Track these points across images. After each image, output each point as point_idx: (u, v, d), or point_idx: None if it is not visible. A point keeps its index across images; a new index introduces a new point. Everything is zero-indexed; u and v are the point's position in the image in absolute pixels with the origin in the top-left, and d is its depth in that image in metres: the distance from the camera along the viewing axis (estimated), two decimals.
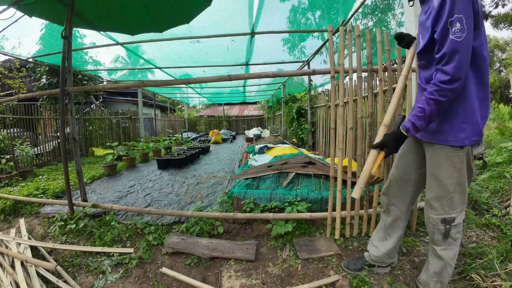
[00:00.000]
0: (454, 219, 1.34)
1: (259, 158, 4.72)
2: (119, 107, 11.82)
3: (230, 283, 1.73)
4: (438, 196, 1.34)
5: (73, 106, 2.70)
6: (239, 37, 4.12)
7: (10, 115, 5.35)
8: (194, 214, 2.38)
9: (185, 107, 18.38)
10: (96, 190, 3.88)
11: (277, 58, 5.45)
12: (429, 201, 1.39)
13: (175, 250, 2.05)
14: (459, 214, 1.34)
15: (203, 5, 2.73)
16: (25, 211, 2.96)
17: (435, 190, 1.35)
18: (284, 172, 2.94)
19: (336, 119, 3.47)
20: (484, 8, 8.05)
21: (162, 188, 3.90)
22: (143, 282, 1.77)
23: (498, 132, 6.24)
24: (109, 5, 2.72)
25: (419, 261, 1.83)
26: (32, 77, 8.22)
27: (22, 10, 2.66)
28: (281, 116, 9.37)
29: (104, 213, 2.67)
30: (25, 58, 4.85)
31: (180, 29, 3.42)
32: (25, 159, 4.75)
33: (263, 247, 2.12)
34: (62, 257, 2.03)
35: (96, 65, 5.77)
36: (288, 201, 2.37)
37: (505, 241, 1.94)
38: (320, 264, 1.86)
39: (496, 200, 2.87)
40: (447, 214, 1.34)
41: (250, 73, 3.23)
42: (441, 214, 1.34)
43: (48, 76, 7.00)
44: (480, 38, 1.16)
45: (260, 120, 18.15)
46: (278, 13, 3.52)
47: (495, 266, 1.65)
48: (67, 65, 2.52)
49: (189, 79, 2.79)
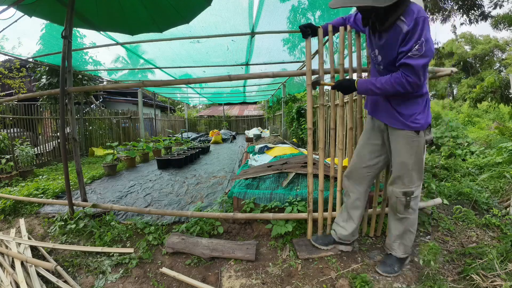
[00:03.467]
0: (413, 192, 1.61)
1: (259, 158, 4.72)
2: (119, 107, 11.81)
3: (230, 283, 1.73)
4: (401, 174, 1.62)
5: (73, 106, 2.69)
6: (239, 37, 4.12)
7: (10, 115, 5.35)
8: (194, 214, 2.38)
9: (185, 107, 18.36)
10: (96, 190, 3.88)
11: (277, 58, 5.44)
12: (393, 179, 1.67)
13: (175, 250, 2.05)
14: (417, 188, 1.63)
15: (203, 5, 2.73)
16: (25, 211, 2.96)
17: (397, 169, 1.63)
18: (284, 172, 2.94)
19: (336, 119, 3.47)
20: (484, 8, 8.04)
21: (162, 188, 3.90)
22: (143, 282, 1.77)
23: (498, 132, 6.23)
24: (109, 5, 2.72)
25: (420, 261, 1.83)
26: (32, 77, 8.22)
27: (22, 10, 2.66)
28: (281, 116, 9.37)
29: (104, 213, 2.67)
30: (25, 58, 4.84)
31: (180, 29, 3.41)
32: (25, 159, 4.75)
33: (263, 247, 2.12)
34: (62, 257, 2.03)
35: (96, 65, 5.76)
36: (288, 201, 2.37)
37: (505, 241, 1.94)
38: (320, 264, 1.86)
39: (496, 200, 2.87)
40: (407, 188, 1.61)
41: (250, 73, 3.23)
42: (403, 188, 1.62)
43: (48, 76, 7.00)
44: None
45: (260, 120, 18.14)
46: (278, 13, 3.51)
47: (495, 266, 1.65)
48: (67, 65, 2.52)
49: (189, 79, 2.79)
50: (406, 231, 1.71)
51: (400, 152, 1.60)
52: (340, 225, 1.93)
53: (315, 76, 1.92)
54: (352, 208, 1.87)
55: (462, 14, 8.10)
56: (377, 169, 1.83)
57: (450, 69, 2.01)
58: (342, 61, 2.05)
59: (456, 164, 4.02)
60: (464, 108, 18.38)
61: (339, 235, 1.93)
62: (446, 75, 2.06)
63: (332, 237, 1.98)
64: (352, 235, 1.92)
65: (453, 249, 1.97)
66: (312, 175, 2.04)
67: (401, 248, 1.74)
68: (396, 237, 1.75)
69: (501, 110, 12.24)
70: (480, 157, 4.45)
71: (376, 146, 1.77)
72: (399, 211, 1.67)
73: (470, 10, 7.97)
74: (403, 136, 1.58)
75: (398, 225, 1.73)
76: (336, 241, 1.96)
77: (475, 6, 7.86)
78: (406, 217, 1.68)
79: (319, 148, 2.13)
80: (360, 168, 1.81)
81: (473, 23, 8.13)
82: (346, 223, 1.90)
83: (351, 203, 1.87)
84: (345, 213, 1.91)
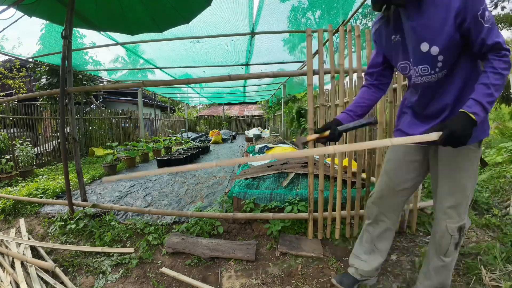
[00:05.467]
0: (465, 225, 1.26)
1: None
2: (119, 107, 11.80)
3: (230, 283, 1.73)
4: (459, 202, 1.22)
5: (73, 106, 2.69)
6: (239, 37, 4.12)
7: (10, 115, 5.35)
8: (194, 214, 2.38)
9: (185, 107, 18.37)
10: (96, 190, 3.88)
11: (277, 58, 5.44)
12: (447, 210, 1.25)
13: (175, 250, 2.05)
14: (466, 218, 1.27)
15: (203, 5, 2.73)
16: (25, 211, 2.96)
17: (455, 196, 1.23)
18: (284, 172, 2.94)
19: None
20: None
21: (162, 188, 3.90)
22: (143, 282, 1.77)
23: (498, 132, 6.23)
24: (109, 5, 2.72)
25: (420, 261, 1.83)
26: (32, 77, 8.22)
27: (22, 10, 2.66)
28: (281, 116, 9.37)
29: (104, 213, 2.67)
30: (25, 58, 4.84)
31: (180, 29, 3.41)
32: (25, 159, 4.75)
33: (263, 247, 2.12)
34: (62, 257, 2.03)
35: (96, 65, 5.76)
36: (288, 201, 2.37)
37: (505, 241, 1.94)
38: (321, 265, 1.86)
39: (496, 200, 2.87)
40: (461, 221, 1.24)
41: (250, 73, 3.23)
42: (458, 222, 1.24)
43: (48, 76, 7.00)
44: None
45: (260, 120, 18.13)
46: (278, 13, 3.51)
47: (495, 266, 1.65)
48: (67, 65, 2.52)
49: (189, 79, 2.79)
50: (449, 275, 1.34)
51: (459, 171, 1.20)
52: (362, 258, 1.53)
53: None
54: (380, 239, 1.50)
55: None
56: (413, 191, 1.48)
57: None
58: (342, 61, 2.05)
59: None
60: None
61: (361, 272, 1.52)
62: None
63: (352, 277, 1.54)
64: (376, 270, 1.53)
65: None
66: (312, 175, 2.04)
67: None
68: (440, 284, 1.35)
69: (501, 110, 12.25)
70: None
71: (415, 164, 1.36)
72: (449, 253, 1.28)
73: None
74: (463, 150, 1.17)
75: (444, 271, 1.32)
76: (359, 280, 1.54)
77: None
78: (453, 258, 1.30)
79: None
80: (394, 192, 1.41)
81: None
82: (369, 255, 1.52)
83: (380, 233, 1.49)
84: (369, 245, 1.52)
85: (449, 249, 1.27)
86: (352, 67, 2.03)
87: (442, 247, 1.29)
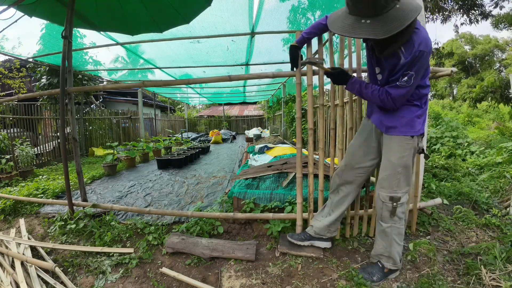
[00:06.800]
0: (400, 198, 1.56)
1: (259, 158, 4.72)
2: (119, 107, 11.80)
3: (230, 283, 1.73)
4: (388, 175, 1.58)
5: (73, 106, 2.69)
6: (239, 37, 4.12)
7: (10, 115, 5.35)
8: (194, 214, 2.38)
9: (185, 107, 18.37)
10: (96, 190, 3.88)
11: (277, 58, 5.43)
12: (380, 180, 1.63)
13: (175, 250, 2.05)
14: (404, 194, 1.57)
15: (203, 5, 2.73)
16: (25, 211, 2.96)
17: (386, 171, 1.59)
18: (284, 172, 2.94)
19: (336, 119, 3.46)
20: (484, 7, 8.04)
21: (162, 188, 3.90)
22: (143, 282, 1.77)
23: (498, 132, 6.22)
24: (109, 5, 2.72)
25: (420, 261, 1.83)
26: (32, 77, 8.22)
27: (22, 10, 2.66)
28: (281, 116, 9.37)
29: (104, 213, 2.67)
30: (25, 58, 4.84)
31: (180, 29, 3.41)
32: (25, 159, 4.75)
33: (263, 247, 2.12)
34: (62, 257, 2.03)
35: (96, 65, 5.76)
36: (288, 201, 2.37)
37: (505, 241, 1.94)
38: (321, 265, 1.86)
39: (496, 200, 2.87)
40: (394, 193, 1.56)
41: (250, 74, 3.23)
42: (390, 193, 1.57)
43: (48, 76, 7.00)
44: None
45: (260, 120, 18.13)
46: (278, 13, 3.51)
47: (495, 266, 1.65)
48: (67, 65, 2.52)
49: (189, 79, 2.79)
50: (392, 243, 1.62)
51: (391, 151, 1.58)
52: (319, 219, 1.93)
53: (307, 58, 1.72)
54: (337, 205, 1.86)
55: (463, 14, 8.09)
56: (370, 172, 1.81)
57: (450, 69, 2.01)
58: (342, 61, 2.05)
59: (456, 164, 4.02)
60: (464, 108, 18.38)
61: (315, 229, 1.91)
62: (446, 75, 2.06)
63: (308, 233, 1.96)
64: (327, 229, 1.89)
65: (453, 249, 1.97)
66: (313, 175, 2.04)
67: (390, 261, 1.66)
68: (384, 249, 1.66)
69: (501, 110, 12.24)
70: (480, 157, 4.46)
71: (372, 149, 1.74)
72: (385, 219, 1.61)
73: (471, 10, 7.96)
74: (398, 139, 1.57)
75: (384, 237, 1.64)
76: (313, 236, 1.93)
77: (476, 6, 7.85)
78: (391, 226, 1.60)
79: (319, 148, 2.13)
80: (353, 168, 1.79)
81: (474, 23, 8.11)
82: (325, 218, 1.89)
83: (338, 200, 1.86)
84: (327, 209, 1.91)
85: (383, 214, 1.62)
86: (352, 67, 2.03)
87: (378, 212, 1.66)
